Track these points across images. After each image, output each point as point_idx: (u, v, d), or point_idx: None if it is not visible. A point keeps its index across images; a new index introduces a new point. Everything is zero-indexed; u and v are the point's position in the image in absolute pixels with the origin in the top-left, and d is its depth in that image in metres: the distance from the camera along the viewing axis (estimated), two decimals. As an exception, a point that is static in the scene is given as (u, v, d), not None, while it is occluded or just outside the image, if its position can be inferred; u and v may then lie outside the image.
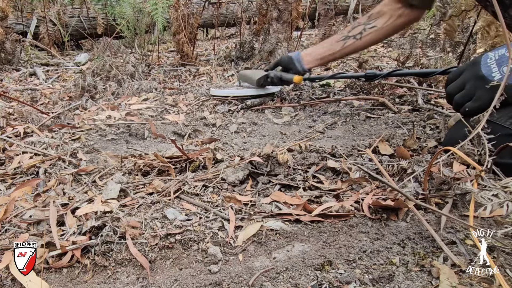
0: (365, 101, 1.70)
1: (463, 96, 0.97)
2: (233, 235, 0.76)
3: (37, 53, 3.14)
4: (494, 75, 0.91)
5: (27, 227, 0.81)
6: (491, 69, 0.92)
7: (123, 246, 0.73)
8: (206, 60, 2.86)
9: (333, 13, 2.41)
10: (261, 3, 2.64)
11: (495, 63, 0.92)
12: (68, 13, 3.49)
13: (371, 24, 1.41)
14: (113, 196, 0.90)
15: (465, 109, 0.96)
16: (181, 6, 2.44)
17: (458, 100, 0.99)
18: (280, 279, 0.65)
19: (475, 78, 0.94)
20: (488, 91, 0.90)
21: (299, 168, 1.01)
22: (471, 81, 0.96)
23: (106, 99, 1.88)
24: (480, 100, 0.93)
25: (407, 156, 1.02)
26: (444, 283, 0.61)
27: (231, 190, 0.94)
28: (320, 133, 1.38)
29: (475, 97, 0.94)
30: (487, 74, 0.92)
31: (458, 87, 1.00)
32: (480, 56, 0.97)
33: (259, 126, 1.53)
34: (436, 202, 0.83)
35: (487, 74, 0.92)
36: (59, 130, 1.43)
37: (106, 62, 2.21)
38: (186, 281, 0.65)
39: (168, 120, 1.59)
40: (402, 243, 0.73)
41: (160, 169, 1.05)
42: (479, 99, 0.93)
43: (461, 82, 0.99)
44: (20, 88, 2.20)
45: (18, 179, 1.05)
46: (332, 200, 0.88)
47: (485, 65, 0.93)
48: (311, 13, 4.14)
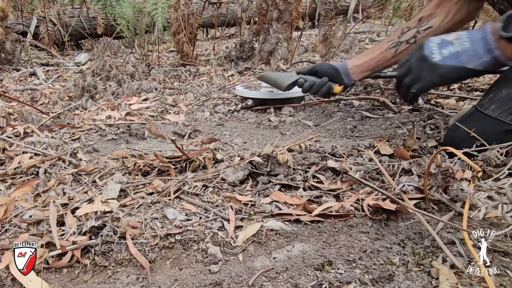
0: (365, 101, 1.70)
1: (410, 79, 1.03)
2: (233, 235, 0.76)
3: (37, 53, 3.15)
4: (434, 56, 0.98)
5: (27, 227, 0.81)
6: (432, 51, 0.99)
7: (123, 246, 0.73)
8: (206, 60, 2.86)
9: (333, 13, 2.41)
10: (261, 3, 2.64)
11: (437, 46, 0.99)
12: (68, 13, 3.49)
13: (425, 26, 1.29)
14: (113, 196, 0.90)
15: (412, 91, 1.02)
16: (181, 6, 2.44)
17: (407, 82, 1.04)
18: (280, 279, 0.65)
19: (419, 59, 1.01)
20: (430, 72, 0.98)
21: (299, 168, 1.01)
22: (415, 63, 1.02)
23: (106, 99, 1.88)
24: (423, 81, 1.00)
25: (407, 156, 1.02)
26: (443, 283, 0.61)
27: (231, 190, 0.94)
28: (320, 133, 1.38)
29: (420, 78, 1.00)
30: (429, 55, 0.99)
31: (406, 70, 1.05)
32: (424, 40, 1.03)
33: (259, 126, 1.53)
34: (436, 202, 0.83)
35: (428, 55, 0.99)
36: (59, 130, 1.43)
37: (106, 62, 2.21)
38: (186, 281, 0.65)
39: (168, 120, 1.59)
40: (402, 243, 0.73)
41: (160, 169, 1.05)
42: (422, 80, 1.00)
43: (408, 66, 1.04)
44: (20, 88, 2.20)
45: (18, 179, 1.05)
46: (332, 200, 0.88)
47: (428, 47, 1.00)
48: (311, 13, 4.14)
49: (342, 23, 2.75)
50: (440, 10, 1.28)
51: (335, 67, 1.37)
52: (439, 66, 0.96)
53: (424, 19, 1.30)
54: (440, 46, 0.98)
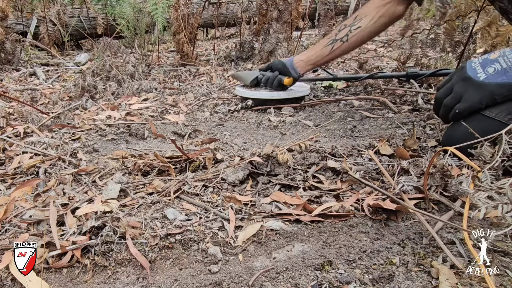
0: (365, 101, 1.70)
1: (452, 98, 1.00)
2: (233, 235, 0.76)
3: (37, 53, 3.14)
4: (480, 75, 0.96)
5: (27, 227, 0.81)
6: (476, 71, 0.97)
7: (123, 246, 0.73)
8: (206, 60, 2.86)
9: (333, 13, 2.40)
10: (261, 3, 2.64)
11: (480, 66, 0.97)
12: (68, 13, 3.49)
13: (356, 25, 1.41)
14: (113, 196, 0.90)
15: (455, 111, 0.99)
16: (181, 6, 2.44)
17: (447, 103, 1.01)
18: (280, 279, 0.65)
19: (462, 80, 0.99)
20: (475, 91, 0.95)
21: (299, 168, 1.01)
22: (458, 84, 1.00)
23: (106, 99, 1.88)
24: (468, 101, 0.96)
25: (406, 156, 1.02)
26: (443, 283, 0.61)
27: (231, 190, 0.94)
28: (320, 133, 1.38)
29: (463, 98, 0.97)
30: (473, 75, 0.97)
31: (446, 91, 1.03)
32: (465, 62, 1.02)
33: (259, 126, 1.53)
34: (436, 202, 0.83)
35: (473, 75, 0.97)
36: (59, 130, 1.43)
37: (106, 62, 2.21)
38: (186, 281, 0.65)
39: (168, 120, 1.59)
40: (402, 243, 0.73)
41: (160, 169, 1.05)
42: (467, 100, 0.97)
43: (449, 87, 1.02)
44: (20, 88, 2.20)
45: (18, 179, 1.05)
46: (332, 200, 0.88)
47: (470, 68, 0.98)
48: (311, 13, 4.15)
49: (342, 23, 2.75)
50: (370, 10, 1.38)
51: (283, 63, 1.61)
52: (486, 84, 0.94)
53: (358, 18, 1.41)
54: (483, 65, 0.96)
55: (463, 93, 0.98)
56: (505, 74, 0.92)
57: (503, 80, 0.92)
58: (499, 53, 0.96)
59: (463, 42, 1.79)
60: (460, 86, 0.99)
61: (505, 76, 0.92)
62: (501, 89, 0.92)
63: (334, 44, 1.47)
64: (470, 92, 0.96)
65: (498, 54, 0.96)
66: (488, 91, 0.94)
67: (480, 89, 0.95)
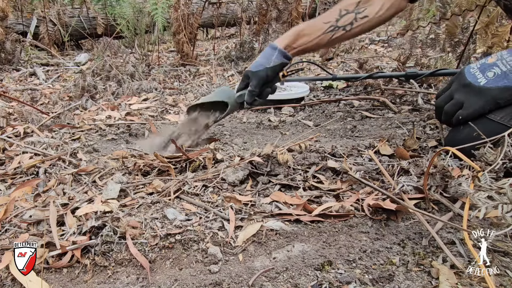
0: (365, 101, 1.70)
1: (453, 105, 1.00)
2: (233, 235, 0.76)
3: (37, 53, 3.14)
4: (480, 80, 0.95)
5: (27, 227, 0.81)
6: (476, 76, 0.96)
7: (123, 246, 0.73)
8: (206, 60, 2.86)
9: (333, 13, 2.40)
10: (261, 3, 2.64)
11: (479, 71, 0.96)
12: (68, 13, 3.49)
13: (362, 13, 1.26)
14: (113, 196, 0.90)
15: (458, 117, 0.98)
16: (181, 6, 2.44)
17: (448, 109, 1.01)
18: (280, 279, 0.65)
19: (462, 87, 0.98)
20: (477, 96, 0.95)
21: (299, 168, 1.01)
22: (458, 91, 0.99)
23: (106, 99, 1.88)
24: (471, 108, 0.96)
25: (406, 156, 1.02)
26: (443, 283, 0.61)
27: (231, 190, 0.94)
28: (320, 133, 1.38)
29: (465, 105, 0.97)
30: (473, 81, 0.96)
31: (446, 98, 1.02)
32: (463, 68, 1.01)
33: (259, 126, 1.53)
34: (436, 202, 0.83)
35: (473, 81, 0.96)
36: (59, 130, 1.43)
37: (106, 62, 2.21)
38: (186, 281, 0.65)
39: (168, 120, 1.59)
40: (402, 243, 0.73)
41: (160, 169, 1.05)
42: (470, 106, 0.96)
43: (448, 94, 1.02)
44: (20, 88, 2.20)
45: (18, 179, 1.05)
46: (332, 200, 0.88)
47: (469, 74, 0.98)
48: (311, 13, 4.14)
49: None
50: None
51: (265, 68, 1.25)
52: (488, 89, 0.94)
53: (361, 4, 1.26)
54: (482, 70, 0.96)
55: (465, 100, 0.97)
56: (506, 77, 0.92)
57: (504, 83, 0.92)
58: (496, 56, 0.96)
59: (463, 42, 1.79)
60: (461, 93, 0.98)
61: (506, 79, 0.92)
62: (504, 93, 0.92)
63: (335, 32, 1.28)
64: (472, 99, 0.96)
65: (496, 58, 0.96)
66: (490, 96, 0.93)
67: (482, 94, 0.94)
